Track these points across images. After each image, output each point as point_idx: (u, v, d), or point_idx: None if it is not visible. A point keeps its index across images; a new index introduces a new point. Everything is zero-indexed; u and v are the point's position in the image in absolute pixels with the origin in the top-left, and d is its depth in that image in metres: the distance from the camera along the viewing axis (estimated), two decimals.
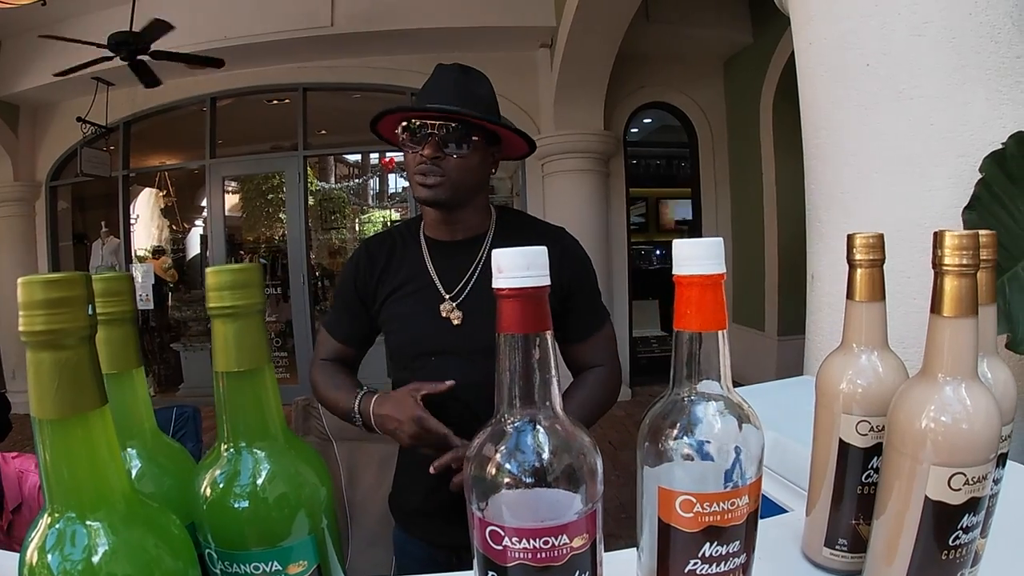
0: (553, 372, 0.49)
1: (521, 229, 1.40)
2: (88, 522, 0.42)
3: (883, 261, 0.66)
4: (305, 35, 5.36)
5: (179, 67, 4.77)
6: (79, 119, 5.68)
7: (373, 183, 8.50)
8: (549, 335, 0.48)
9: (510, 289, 0.46)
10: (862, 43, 1.35)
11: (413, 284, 1.35)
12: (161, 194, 7.62)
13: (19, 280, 0.38)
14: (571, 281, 1.32)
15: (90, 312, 0.40)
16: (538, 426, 0.48)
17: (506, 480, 0.47)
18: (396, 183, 8.19)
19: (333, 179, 8.57)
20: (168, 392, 6.76)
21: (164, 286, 7.09)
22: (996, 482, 0.66)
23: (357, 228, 8.43)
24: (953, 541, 0.55)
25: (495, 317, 0.48)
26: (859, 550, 0.68)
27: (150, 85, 4.92)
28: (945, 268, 0.55)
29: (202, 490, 0.50)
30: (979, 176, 1.18)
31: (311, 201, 6.90)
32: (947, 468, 0.54)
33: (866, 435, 0.66)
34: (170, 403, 2.67)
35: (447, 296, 1.31)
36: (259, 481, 0.50)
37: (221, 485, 0.50)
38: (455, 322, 1.30)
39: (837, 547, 0.70)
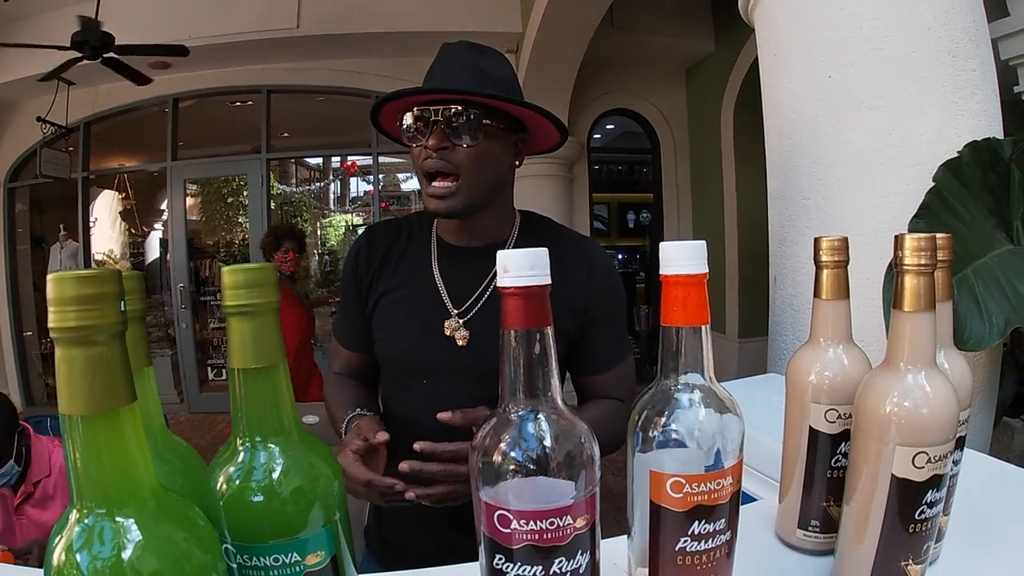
0: (553, 366, 0.52)
1: (545, 237, 1.17)
2: (118, 518, 0.41)
3: (847, 262, 0.71)
4: (270, 37, 5.30)
5: (142, 68, 4.67)
6: (39, 119, 5.49)
7: (335, 187, 8.40)
8: (549, 330, 0.51)
9: (516, 287, 0.49)
10: (825, 56, 1.40)
11: (411, 289, 1.17)
12: (121, 197, 7.42)
13: (49, 276, 0.38)
14: (597, 302, 1.15)
15: (122, 308, 0.41)
16: (540, 415, 0.51)
17: (512, 467, 0.50)
18: (358, 187, 8.11)
19: (294, 182, 8.44)
20: None
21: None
22: (956, 463, 0.71)
23: (319, 232, 8.33)
24: (919, 515, 0.60)
25: None
26: (830, 530, 0.73)
27: (141, 83, 4.78)
28: (905, 267, 0.60)
29: (219, 485, 0.51)
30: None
31: (272, 205, 6.81)
32: (911, 448, 0.59)
33: (834, 423, 0.71)
34: None
35: (454, 312, 1.14)
36: (276, 475, 0.51)
37: (238, 480, 0.51)
38: (460, 343, 1.12)
39: (810, 528, 0.75)
